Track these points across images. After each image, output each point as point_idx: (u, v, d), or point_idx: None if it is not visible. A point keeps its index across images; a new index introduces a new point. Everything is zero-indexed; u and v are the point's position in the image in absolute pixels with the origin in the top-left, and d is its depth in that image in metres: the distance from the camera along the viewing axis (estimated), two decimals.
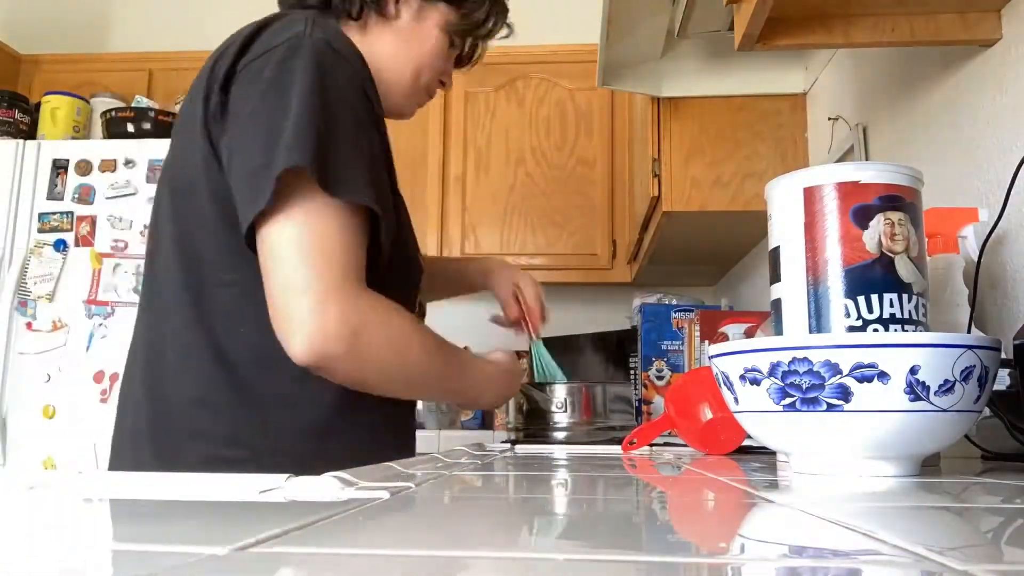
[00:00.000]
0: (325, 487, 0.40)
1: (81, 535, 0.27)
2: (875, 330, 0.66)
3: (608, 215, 2.73)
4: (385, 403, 0.88)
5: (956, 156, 1.15)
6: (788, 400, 0.56)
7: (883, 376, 0.52)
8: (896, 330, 0.67)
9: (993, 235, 0.92)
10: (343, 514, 0.31)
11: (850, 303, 0.67)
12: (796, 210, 0.70)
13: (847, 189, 0.68)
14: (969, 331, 0.85)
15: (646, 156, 1.95)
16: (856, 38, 1.08)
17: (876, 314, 0.67)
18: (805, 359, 0.54)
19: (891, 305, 0.67)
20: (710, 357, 0.62)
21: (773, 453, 0.75)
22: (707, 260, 2.50)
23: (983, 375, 0.54)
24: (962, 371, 0.53)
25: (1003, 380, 0.74)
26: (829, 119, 1.64)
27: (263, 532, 0.26)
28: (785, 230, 0.72)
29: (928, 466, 0.66)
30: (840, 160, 1.56)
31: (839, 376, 0.53)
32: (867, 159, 1.48)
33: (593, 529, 0.31)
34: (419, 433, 2.33)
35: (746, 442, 1.02)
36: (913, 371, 0.52)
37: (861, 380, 0.53)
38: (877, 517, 0.35)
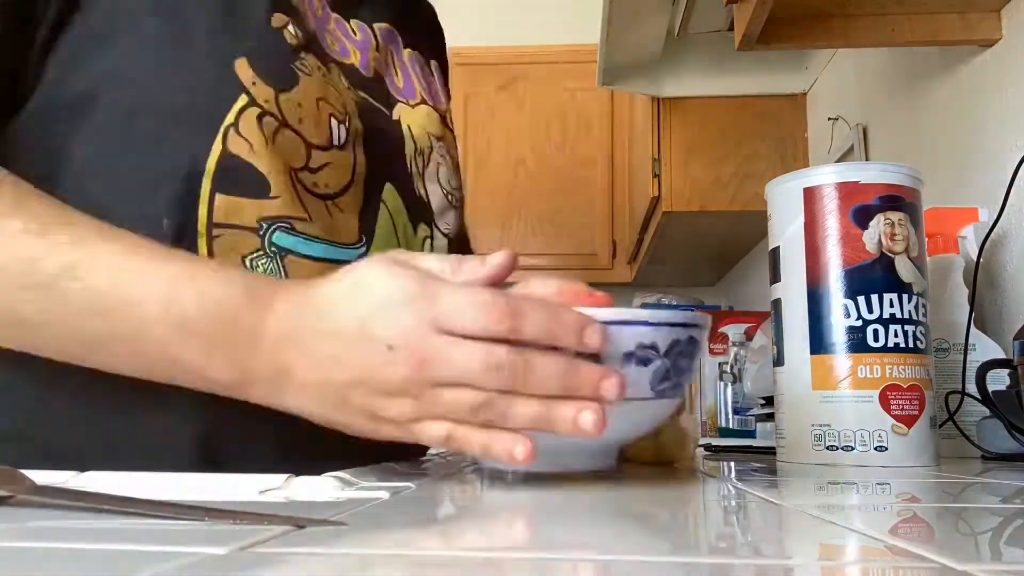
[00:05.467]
0: (325, 487, 0.40)
1: (80, 535, 0.27)
2: (875, 331, 0.66)
3: (608, 215, 2.73)
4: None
5: (956, 156, 1.15)
6: None
7: None
8: (896, 331, 0.67)
9: (993, 235, 0.92)
10: (343, 514, 0.31)
11: (850, 303, 0.67)
12: (796, 210, 0.70)
13: (847, 189, 0.68)
14: (968, 331, 0.85)
15: (646, 156, 1.95)
16: (856, 38, 1.08)
17: (876, 314, 0.67)
18: None
19: (891, 305, 0.67)
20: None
21: (773, 451, 0.75)
22: (707, 260, 2.50)
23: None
24: None
25: (1003, 380, 0.74)
26: (829, 119, 1.64)
27: (263, 532, 0.26)
28: (785, 230, 0.72)
29: (929, 466, 0.66)
30: (840, 160, 1.56)
31: None
32: (867, 159, 1.48)
33: (594, 528, 0.31)
34: None
35: (747, 442, 1.03)
36: None
37: None
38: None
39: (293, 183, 0.55)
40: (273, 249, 0.54)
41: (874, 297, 0.67)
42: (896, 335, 0.67)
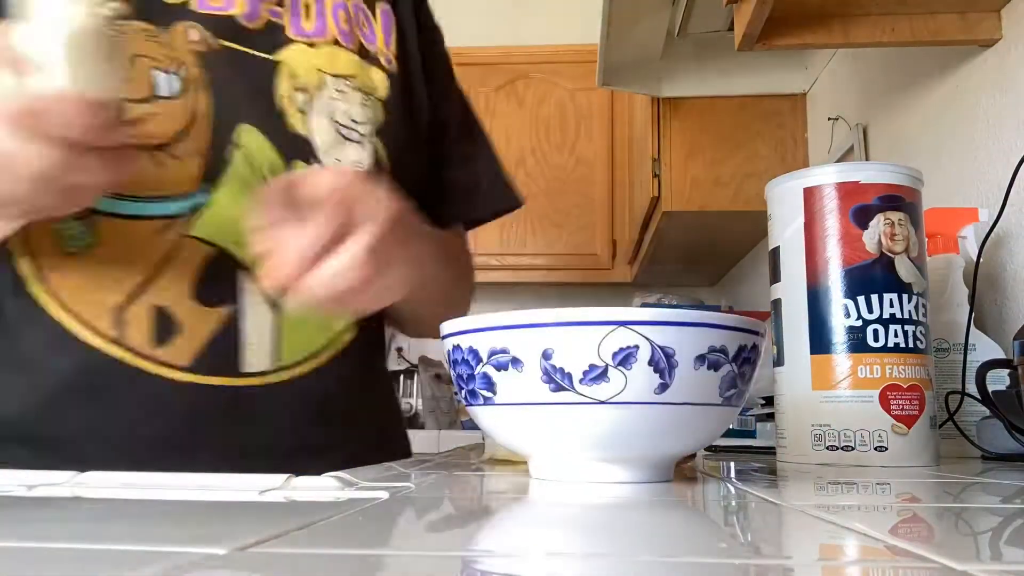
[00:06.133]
0: (325, 487, 0.40)
1: (80, 535, 0.27)
2: (875, 331, 0.66)
3: (608, 215, 2.73)
4: None
5: (956, 156, 1.15)
6: (461, 393, 0.49)
7: (516, 363, 0.44)
8: (896, 331, 0.67)
9: (992, 235, 0.92)
10: (343, 514, 0.31)
11: (850, 303, 0.67)
12: (796, 210, 0.70)
13: (847, 189, 0.68)
14: (968, 331, 0.85)
15: (646, 156, 1.94)
16: (856, 38, 1.08)
17: (876, 314, 0.67)
18: (458, 347, 0.47)
19: (891, 305, 0.67)
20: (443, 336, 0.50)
21: (773, 451, 0.75)
22: (707, 260, 2.50)
23: (657, 358, 0.42)
24: (616, 353, 0.42)
25: (1003, 380, 0.74)
26: (829, 119, 1.64)
27: (263, 532, 0.26)
28: (785, 230, 0.72)
29: (927, 466, 0.66)
30: (840, 160, 1.56)
31: (481, 364, 0.46)
32: (867, 159, 1.48)
33: (593, 528, 0.31)
34: (419, 433, 2.33)
35: (747, 442, 1.03)
36: (546, 355, 0.43)
37: (499, 368, 0.45)
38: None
39: None
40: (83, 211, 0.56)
41: (874, 297, 0.67)
42: (896, 335, 0.67)
